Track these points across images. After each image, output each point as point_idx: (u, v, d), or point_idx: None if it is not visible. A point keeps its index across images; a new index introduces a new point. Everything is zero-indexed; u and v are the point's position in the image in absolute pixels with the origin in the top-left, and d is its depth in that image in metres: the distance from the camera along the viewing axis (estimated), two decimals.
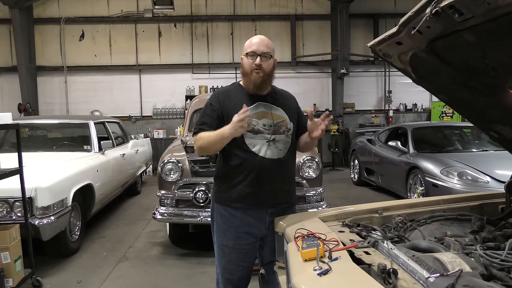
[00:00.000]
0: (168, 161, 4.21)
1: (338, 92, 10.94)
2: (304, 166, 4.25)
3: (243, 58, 2.11)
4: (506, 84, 1.78)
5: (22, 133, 5.78)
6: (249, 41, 2.11)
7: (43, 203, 3.74)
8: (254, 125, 2.05)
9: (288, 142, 2.14)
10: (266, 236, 2.16)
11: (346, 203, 5.88)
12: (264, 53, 2.04)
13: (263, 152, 2.05)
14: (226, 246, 2.16)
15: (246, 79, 2.11)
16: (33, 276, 3.45)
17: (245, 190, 2.08)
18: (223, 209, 2.16)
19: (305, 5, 11.40)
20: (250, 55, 2.05)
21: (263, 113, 2.10)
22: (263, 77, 2.06)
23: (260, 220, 2.12)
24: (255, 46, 2.05)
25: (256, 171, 2.05)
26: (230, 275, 2.18)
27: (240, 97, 2.12)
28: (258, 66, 2.03)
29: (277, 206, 2.14)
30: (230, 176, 2.11)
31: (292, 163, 2.24)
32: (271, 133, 2.08)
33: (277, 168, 2.09)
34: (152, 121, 11.16)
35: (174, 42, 11.22)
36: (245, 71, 2.10)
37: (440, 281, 1.15)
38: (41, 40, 10.96)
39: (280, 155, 2.09)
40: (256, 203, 2.10)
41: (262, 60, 2.04)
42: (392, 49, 1.97)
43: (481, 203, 2.18)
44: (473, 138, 6.72)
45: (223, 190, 2.17)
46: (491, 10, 1.32)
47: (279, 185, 2.13)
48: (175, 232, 4.67)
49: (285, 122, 2.14)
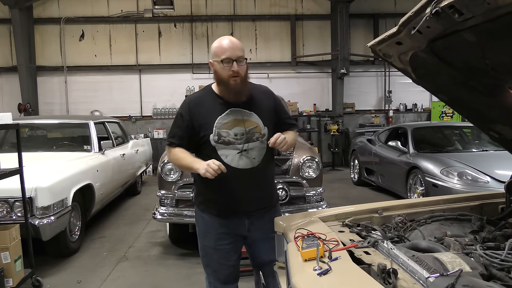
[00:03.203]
0: (168, 161, 4.21)
1: (338, 92, 10.94)
2: (304, 166, 4.25)
3: (214, 64, 1.98)
4: (506, 84, 1.78)
5: (22, 133, 5.78)
6: (219, 45, 1.96)
7: (43, 203, 3.74)
8: (224, 136, 2.01)
9: (263, 149, 2.07)
10: (248, 237, 2.17)
11: (346, 203, 5.88)
12: (239, 57, 1.94)
13: (235, 163, 2.01)
14: (208, 247, 2.18)
15: (223, 87, 2.01)
16: (33, 276, 3.45)
17: (219, 200, 2.09)
18: (202, 213, 2.18)
19: (305, 5, 11.40)
20: (226, 61, 1.92)
21: (235, 121, 2.02)
22: (242, 83, 1.97)
23: (238, 224, 2.14)
24: (229, 52, 1.92)
25: (229, 181, 2.01)
26: (216, 273, 2.21)
27: (211, 104, 2.05)
28: (236, 73, 1.93)
29: (255, 212, 2.13)
30: (204, 185, 2.10)
31: (268, 169, 2.18)
32: (243, 142, 2.02)
33: (251, 178, 2.05)
34: (152, 121, 11.16)
35: (174, 42, 11.21)
36: (220, 78, 1.98)
37: (440, 281, 1.15)
38: (41, 40, 10.95)
39: (254, 164, 2.05)
40: (232, 212, 2.11)
41: (238, 66, 1.93)
42: (392, 49, 1.97)
43: (481, 203, 2.18)
44: (473, 138, 6.72)
45: (199, 197, 2.20)
46: (491, 10, 1.31)
47: (254, 194, 2.10)
48: (175, 232, 4.67)
49: (258, 128, 2.05)
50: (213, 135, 2.01)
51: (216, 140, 2.01)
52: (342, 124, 10.92)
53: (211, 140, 2.01)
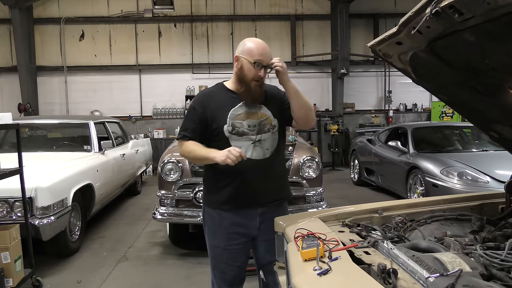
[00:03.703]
0: (168, 161, 4.21)
1: (338, 92, 10.94)
2: (304, 166, 4.25)
3: (243, 61, 2.00)
4: (506, 84, 1.77)
5: (22, 133, 5.78)
6: (256, 46, 1.99)
7: (43, 203, 3.74)
8: (238, 127, 2.04)
9: (275, 139, 2.13)
10: (257, 236, 2.17)
11: (346, 203, 5.88)
12: (269, 64, 1.99)
13: (249, 154, 2.04)
14: (217, 247, 2.18)
15: (243, 87, 2.03)
16: (33, 276, 3.45)
17: (233, 192, 2.09)
18: (212, 211, 2.18)
19: (305, 5, 11.40)
20: (257, 64, 1.96)
21: (247, 113, 2.07)
22: (260, 88, 2.03)
23: (250, 220, 2.14)
24: (264, 57, 1.97)
25: (243, 173, 2.04)
26: (223, 275, 2.20)
27: (224, 97, 2.09)
28: (260, 78, 1.98)
29: (267, 204, 2.14)
30: (218, 179, 2.11)
31: (280, 160, 2.23)
32: (256, 134, 2.06)
33: (265, 168, 2.09)
34: (152, 121, 11.16)
35: (174, 42, 11.22)
36: (244, 77, 2.00)
37: (440, 281, 1.15)
38: (41, 40, 10.95)
39: (266, 155, 2.09)
40: (245, 204, 2.11)
41: (264, 73, 1.99)
42: (392, 49, 1.97)
43: (481, 203, 2.18)
44: (473, 138, 6.72)
45: (211, 193, 2.19)
46: (491, 10, 1.31)
47: (268, 185, 2.13)
48: (175, 232, 4.67)
49: (269, 119, 2.11)
50: (227, 125, 2.04)
51: (230, 131, 2.04)
52: (342, 124, 10.93)
53: (225, 131, 2.04)
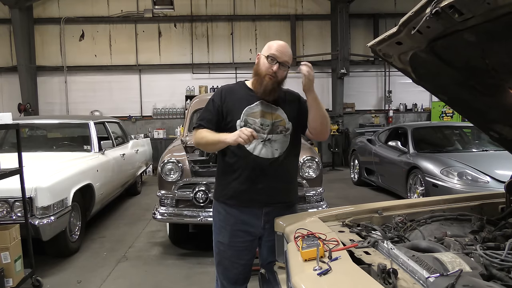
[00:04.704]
0: (168, 161, 4.21)
1: (338, 92, 10.94)
2: (304, 166, 4.25)
3: (260, 57, 2.10)
4: (506, 84, 1.78)
5: (22, 133, 5.78)
6: (273, 43, 2.08)
7: (43, 203, 3.74)
8: (251, 124, 2.08)
9: (286, 142, 2.15)
10: (263, 236, 2.18)
11: (346, 203, 5.88)
12: (284, 61, 2.05)
13: (257, 151, 2.08)
14: (222, 243, 2.20)
15: (257, 80, 2.11)
16: (33, 276, 3.45)
17: (239, 188, 2.12)
18: (220, 207, 2.22)
19: (305, 5, 11.40)
20: (271, 58, 2.03)
21: (262, 112, 2.11)
22: (274, 84, 2.06)
23: (255, 218, 2.15)
24: (278, 53, 2.03)
25: (250, 169, 2.08)
26: (226, 272, 2.22)
27: (242, 94, 2.15)
28: (274, 73, 2.04)
29: (272, 205, 2.14)
30: (227, 173, 2.16)
31: (291, 162, 2.23)
32: (267, 133, 2.09)
33: (272, 167, 2.10)
34: (152, 121, 11.16)
35: (174, 42, 11.22)
36: (259, 71, 2.09)
37: (440, 281, 1.15)
38: (41, 40, 10.95)
39: (275, 155, 2.11)
40: (250, 201, 2.13)
41: (279, 68, 2.04)
42: (392, 49, 1.97)
43: (481, 203, 2.18)
44: (473, 138, 6.72)
45: (220, 187, 2.22)
46: (491, 10, 1.31)
47: (274, 184, 2.13)
48: (175, 232, 4.67)
49: (283, 121, 2.14)
50: (240, 121, 2.09)
51: (241, 126, 2.07)
52: (342, 124, 10.93)
53: (237, 126, 2.08)
